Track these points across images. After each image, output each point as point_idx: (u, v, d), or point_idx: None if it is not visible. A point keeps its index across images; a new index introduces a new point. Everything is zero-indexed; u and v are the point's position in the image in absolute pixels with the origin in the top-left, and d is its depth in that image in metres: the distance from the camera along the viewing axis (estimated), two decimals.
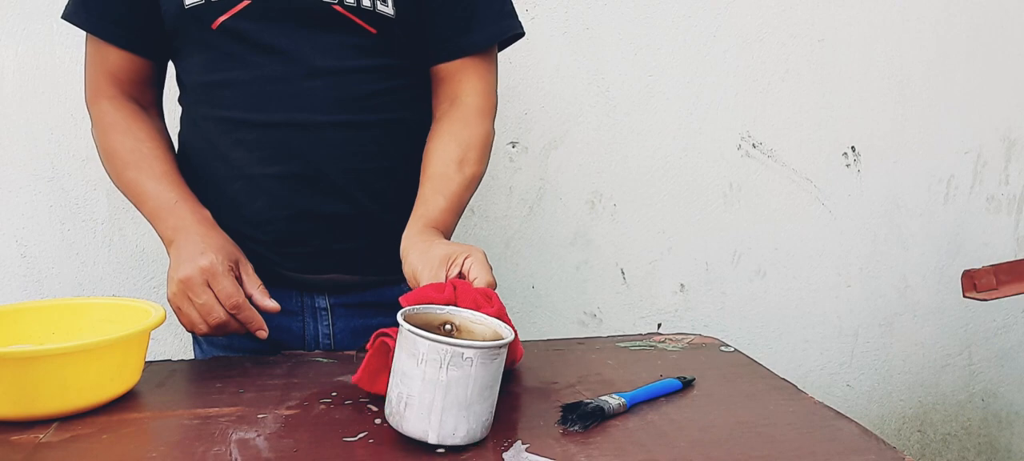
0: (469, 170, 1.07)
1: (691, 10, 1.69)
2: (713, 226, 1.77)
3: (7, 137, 1.50)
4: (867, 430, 0.80)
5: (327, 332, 1.12)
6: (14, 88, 1.49)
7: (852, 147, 1.80)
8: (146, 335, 0.88)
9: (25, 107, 1.49)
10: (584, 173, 1.70)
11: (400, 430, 0.75)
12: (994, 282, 1.48)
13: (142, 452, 0.76)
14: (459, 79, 1.11)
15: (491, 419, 0.77)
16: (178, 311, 0.97)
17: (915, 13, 1.78)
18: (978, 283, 1.48)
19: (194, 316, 0.96)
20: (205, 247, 0.97)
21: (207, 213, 1.04)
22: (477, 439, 0.75)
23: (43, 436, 0.78)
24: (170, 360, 1.02)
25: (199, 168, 1.08)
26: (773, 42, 1.73)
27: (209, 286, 0.95)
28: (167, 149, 1.09)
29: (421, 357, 0.73)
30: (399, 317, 0.76)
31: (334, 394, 0.89)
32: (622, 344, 1.08)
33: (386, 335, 0.82)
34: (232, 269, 0.98)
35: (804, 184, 1.79)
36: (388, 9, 1.03)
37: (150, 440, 0.79)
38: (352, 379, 0.87)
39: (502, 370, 0.77)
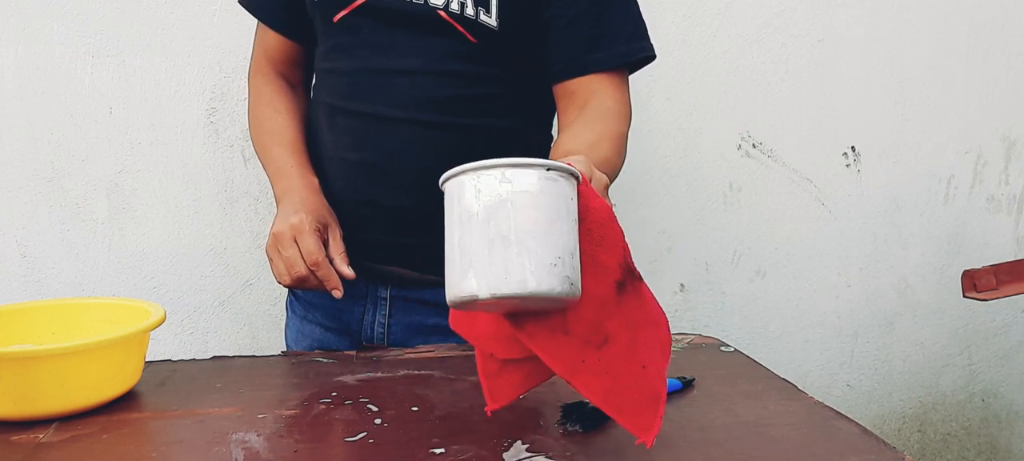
0: (602, 152, 0.98)
1: (691, 10, 1.69)
2: (713, 226, 1.77)
3: (7, 137, 1.50)
4: (867, 430, 0.80)
5: (383, 322, 1.16)
6: (14, 88, 1.49)
7: (852, 147, 1.80)
8: (146, 335, 0.89)
9: (25, 107, 1.49)
10: None
11: (450, 303, 0.60)
12: (994, 282, 1.47)
13: (142, 452, 0.76)
14: (587, 93, 1.08)
15: (568, 269, 0.58)
16: (269, 261, 1.06)
17: (915, 13, 1.78)
18: (978, 283, 1.48)
19: (280, 267, 1.04)
20: (299, 207, 1.05)
21: (315, 181, 1.12)
22: (546, 288, 0.57)
23: (43, 436, 0.78)
24: (170, 360, 1.02)
25: (309, 146, 1.18)
26: (773, 42, 1.73)
27: (296, 242, 1.02)
28: (299, 122, 1.19)
29: (454, 198, 0.60)
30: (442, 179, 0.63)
31: (334, 394, 0.89)
32: None
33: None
34: (319, 230, 1.04)
35: (804, 184, 1.79)
36: (491, 21, 1.06)
37: (150, 440, 0.79)
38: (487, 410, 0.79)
39: (571, 210, 0.61)
